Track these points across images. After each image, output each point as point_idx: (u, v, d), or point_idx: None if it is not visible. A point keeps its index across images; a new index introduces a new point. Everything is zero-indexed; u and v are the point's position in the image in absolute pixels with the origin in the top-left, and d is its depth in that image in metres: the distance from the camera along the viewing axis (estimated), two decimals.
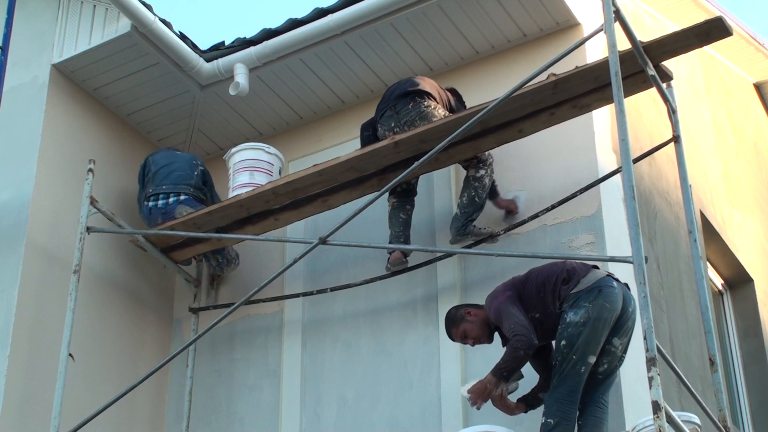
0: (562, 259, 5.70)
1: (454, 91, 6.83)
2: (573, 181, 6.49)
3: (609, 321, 5.36)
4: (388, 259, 6.58)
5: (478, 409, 5.54)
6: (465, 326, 5.74)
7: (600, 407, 5.46)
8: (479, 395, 5.47)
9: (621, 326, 5.43)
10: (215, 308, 7.25)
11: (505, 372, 5.42)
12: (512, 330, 5.43)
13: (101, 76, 7.40)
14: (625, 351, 5.50)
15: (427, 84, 6.60)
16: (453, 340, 5.89)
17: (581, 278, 5.47)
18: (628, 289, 5.54)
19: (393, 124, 6.56)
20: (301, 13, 7.29)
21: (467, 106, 6.69)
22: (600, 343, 5.35)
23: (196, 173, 7.28)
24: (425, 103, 6.49)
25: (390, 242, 6.56)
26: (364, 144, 6.71)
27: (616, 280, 5.53)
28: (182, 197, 7.11)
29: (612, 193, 6.48)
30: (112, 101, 7.58)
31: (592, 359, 5.33)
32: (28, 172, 6.97)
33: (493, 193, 6.55)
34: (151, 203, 7.15)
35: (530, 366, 5.68)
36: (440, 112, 6.48)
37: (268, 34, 7.34)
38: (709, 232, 8.17)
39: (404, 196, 6.64)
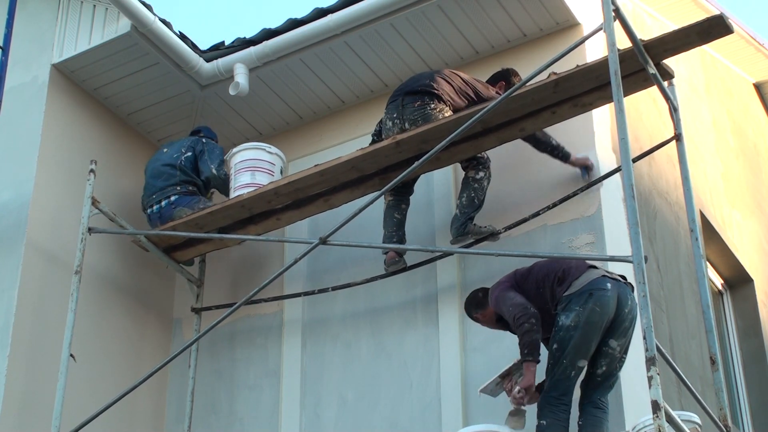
0: (562, 258, 5.71)
1: (504, 75, 6.77)
2: (573, 180, 6.49)
3: (600, 325, 5.37)
4: (385, 260, 6.58)
5: (521, 404, 5.57)
6: (479, 320, 5.94)
7: (600, 407, 5.47)
8: (528, 389, 5.51)
9: (617, 327, 5.43)
10: (217, 308, 7.25)
11: (526, 350, 5.46)
12: (511, 313, 5.53)
13: (101, 76, 7.40)
14: (624, 352, 5.49)
15: (443, 84, 6.53)
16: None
17: (574, 280, 5.48)
18: (630, 286, 5.52)
19: (395, 115, 6.56)
20: (301, 13, 7.30)
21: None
22: (591, 348, 5.37)
23: (179, 165, 7.20)
24: (432, 105, 6.46)
25: (383, 243, 6.56)
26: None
27: (615, 279, 5.51)
28: (172, 198, 7.12)
29: (612, 193, 6.49)
30: (112, 101, 7.58)
31: (583, 363, 5.37)
32: (28, 172, 6.97)
33: (565, 155, 6.47)
34: (148, 211, 7.20)
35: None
36: (446, 115, 6.45)
37: (268, 34, 7.34)
38: (709, 232, 8.17)
39: (401, 194, 6.63)
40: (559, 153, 6.47)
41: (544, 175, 6.61)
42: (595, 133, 6.61)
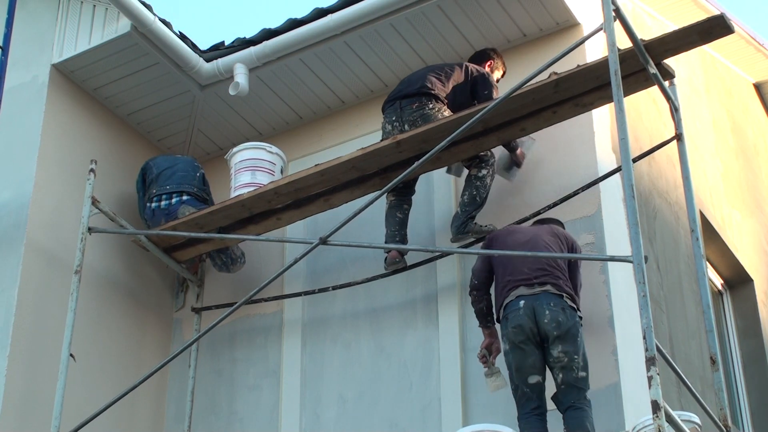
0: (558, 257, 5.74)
1: (484, 56, 6.80)
2: (573, 180, 6.49)
3: (526, 342, 5.50)
4: (385, 259, 6.58)
5: (486, 363, 5.87)
6: None
7: (578, 408, 5.47)
8: (487, 347, 5.89)
9: (547, 338, 5.50)
10: (217, 308, 7.25)
11: (476, 318, 5.94)
12: None
13: (101, 76, 7.40)
14: (572, 357, 5.46)
15: (436, 83, 6.56)
16: None
17: (498, 306, 5.71)
18: (557, 296, 5.55)
19: (394, 118, 6.59)
20: (301, 13, 7.30)
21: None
22: (532, 364, 5.49)
23: (198, 174, 7.33)
24: (430, 105, 6.49)
25: (386, 242, 6.56)
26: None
27: (532, 294, 5.56)
28: (185, 197, 7.13)
29: (612, 193, 6.49)
30: (112, 101, 7.58)
31: (534, 379, 5.49)
32: (28, 172, 6.97)
33: (512, 148, 6.53)
34: (154, 204, 7.16)
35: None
36: (444, 114, 6.47)
37: (268, 34, 7.34)
38: (709, 232, 8.17)
39: (403, 195, 6.64)
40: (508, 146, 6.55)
41: (545, 174, 6.61)
42: (595, 133, 6.61)
